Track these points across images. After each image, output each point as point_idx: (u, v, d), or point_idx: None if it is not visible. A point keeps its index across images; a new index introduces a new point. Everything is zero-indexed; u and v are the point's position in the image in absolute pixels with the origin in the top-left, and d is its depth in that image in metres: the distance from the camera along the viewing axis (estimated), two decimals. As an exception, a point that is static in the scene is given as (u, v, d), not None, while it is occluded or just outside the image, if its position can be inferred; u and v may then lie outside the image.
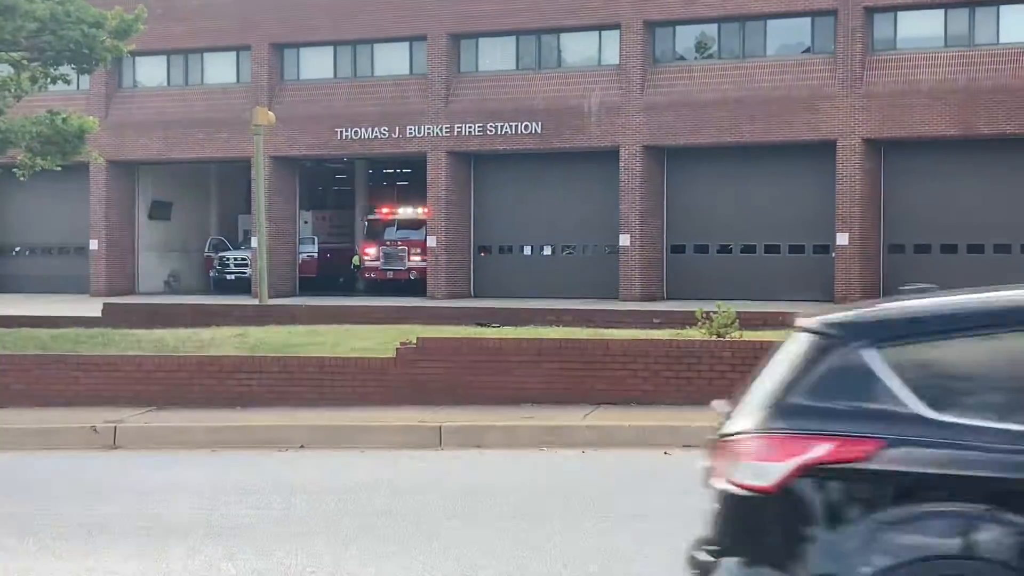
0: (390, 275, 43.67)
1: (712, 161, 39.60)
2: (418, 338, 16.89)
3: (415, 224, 44.06)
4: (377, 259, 44.29)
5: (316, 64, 43.70)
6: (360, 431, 14.90)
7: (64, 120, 25.29)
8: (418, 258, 43.42)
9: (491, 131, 40.71)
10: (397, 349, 16.71)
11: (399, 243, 43.96)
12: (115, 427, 15.21)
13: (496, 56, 41.72)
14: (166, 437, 15.06)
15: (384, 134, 42.01)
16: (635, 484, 12.07)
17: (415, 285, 42.63)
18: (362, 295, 42.75)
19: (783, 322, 20.20)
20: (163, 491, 12.17)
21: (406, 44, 42.54)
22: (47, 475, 13.26)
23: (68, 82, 28.03)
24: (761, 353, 16.31)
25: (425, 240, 43.21)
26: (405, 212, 45.07)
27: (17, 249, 47.95)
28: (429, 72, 41.70)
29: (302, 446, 14.73)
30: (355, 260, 46.09)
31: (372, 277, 44.29)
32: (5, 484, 12.73)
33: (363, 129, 42.19)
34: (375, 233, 44.81)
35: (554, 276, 40.94)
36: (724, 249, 39.84)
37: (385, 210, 45.71)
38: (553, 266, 41.62)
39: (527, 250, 42.20)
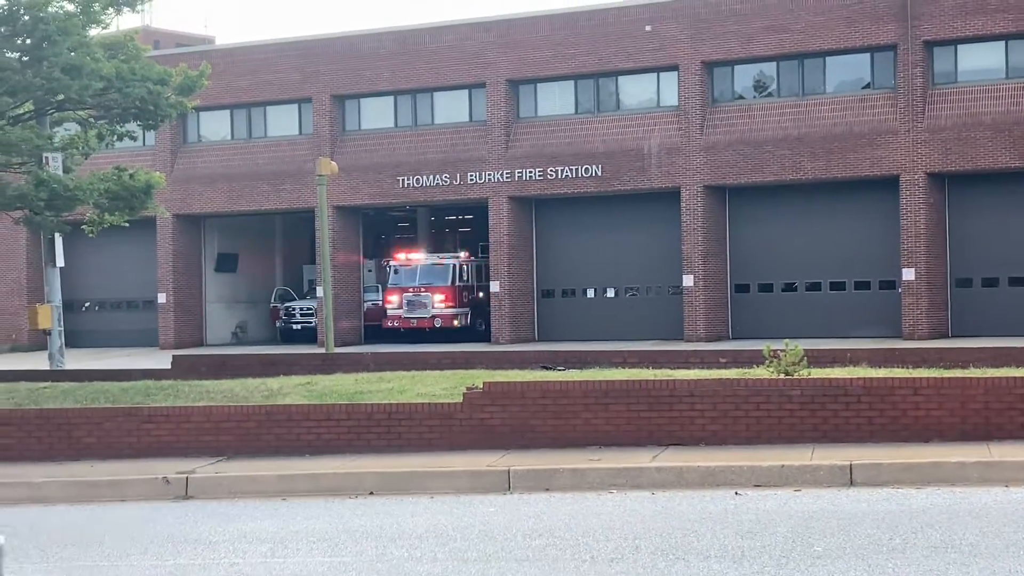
0: (414, 323, 42.79)
1: (774, 199, 39.43)
2: (484, 383, 16.91)
3: (440, 270, 43.54)
4: (400, 307, 43.31)
5: (377, 114, 44.09)
6: (429, 476, 14.92)
7: (131, 176, 25.70)
8: (442, 305, 42.81)
9: (551, 175, 40.82)
10: (464, 394, 16.73)
11: (422, 290, 43.21)
12: (186, 477, 15.34)
13: (554, 101, 41.87)
14: (237, 486, 15.16)
15: (445, 181, 42.25)
16: (705, 525, 11.96)
17: (440, 333, 42.09)
18: (430, 342, 42.70)
19: (852, 359, 20.09)
20: (235, 541, 12.23)
21: (465, 91, 42.83)
22: (120, 527, 13.38)
23: (134, 138, 28.50)
24: (831, 391, 16.32)
25: (451, 286, 42.82)
26: (429, 258, 44.40)
27: (87, 304, 48.58)
28: (488, 118, 41.94)
29: (372, 493, 14.77)
30: None
31: (395, 326, 43.23)
32: (78, 536, 12.85)
33: (424, 177, 42.47)
34: (398, 281, 43.87)
35: (618, 318, 40.83)
36: (789, 287, 39.58)
37: (404, 256, 44.90)
38: (617, 308, 41.52)
39: (590, 293, 42.15)
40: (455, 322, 42.53)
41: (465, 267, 43.74)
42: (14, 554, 11.96)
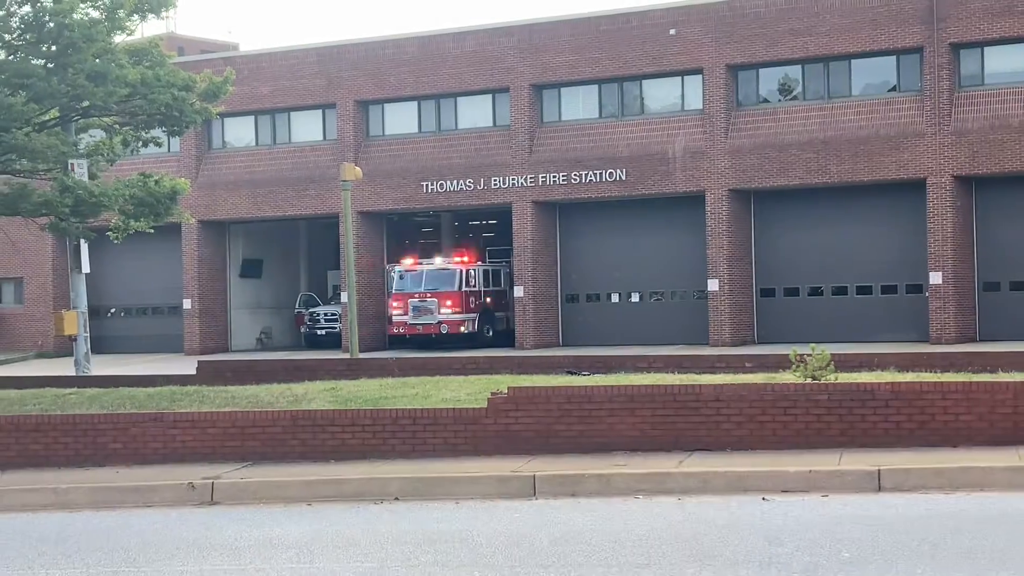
0: (419, 329, 41.87)
1: (800, 203, 39.28)
2: (509, 388, 16.86)
3: (446, 275, 42.70)
4: (405, 313, 42.41)
5: (400, 119, 44.14)
6: (454, 482, 14.87)
7: (156, 182, 25.79)
8: (449, 310, 41.91)
9: (575, 180, 40.77)
10: (489, 399, 16.69)
11: (428, 295, 42.30)
12: (212, 483, 15.34)
13: (578, 105, 41.83)
14: (262, 492, 15.15)
15: (469, 186, 42.24)
16: (732, 531, 11.88)
17: (446, 340, 41.44)
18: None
19: (879, 364, 19.96)
20: (260, 546, 12.22)
21: (488, 96, 42.84)
22: (145, 532, 13.38)
23: (159, 145, 28.61)
24: (858, 396, 16.22)
25: (457, 291, 42.11)
26: (435, 263, 43.44)
27: (112, 311, 48.77)
28: (512, 123, 41.93)
29: (397, 498, 14.74)
30: None
31: (400, 332, 42.28)
32: (104, 542, 12.86)
33: (448, 182, 42.48)
34: (403, 286, 42.85)
35: (643, 323, 40.75)
36: (815, 291, 39.41)
37: (410, 261, 43.85)
38: (641, 313, 41.44)
39: (615, 297, 42.06)
40: (462, 328, 41.74)
41: (472, 272, 43.04)
42: (40, 560, 11.99)
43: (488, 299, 43.20)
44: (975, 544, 10.76)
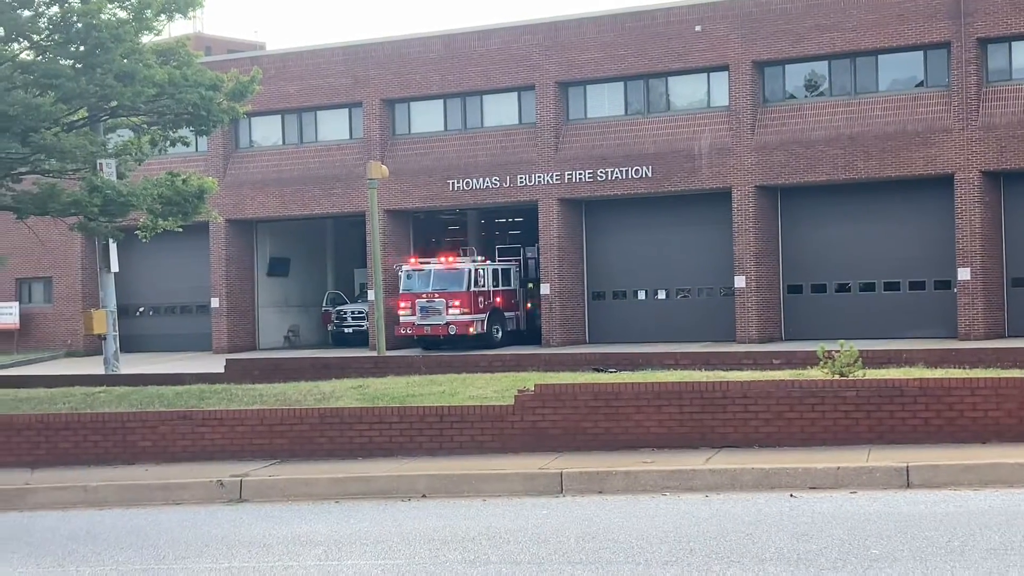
0: (427, 330, 40.96)
1: (827, 199, 39.13)
2: (536, 385, 16.88)
3: (454, 274, 41.72)
4: (413, 313, 41.19)
5: (426, 117, 44.20)
6: (481, 479, 14.90)
7: (184, 181, 25.91)
8: (457, 311, 40.94)
9: (601, 177, 40.74)
10: (516, 396, 16.72)
11: (436, 295, 41.30)
12: (241, 480, 15.41)
13: (604, 102, 41.78)
14: (291, 489, 15.22)
15: (495, 184, 42.26)
16: (760, 527, 11.87)
17: (455, 341, 40.88)
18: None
19: (907, 360, 19.89)
20: (289, 543, 12.27)
21: (514, 94, 42.84)
22: (175, 530, 13.46)
23: (187, 144, 28.71)
24: (887, 392, 16.16)
25: (466, 291, 41.29)
26: (443, 262, 42.35)
27: (141, 309, 49.01)
28: (538, 121, 41.92)
29: (424, 495, 14.78)
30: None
31: (407, 333, 41.22)
32: (134, 540, 12.94)
33: (474, 179, 42.51)
34: (410, 286, 41.88)
35: (669, 320, 40.68)
36: (842, 288, 39.27)
37: (417, 260, 43.02)
38: (668, 310, 41.37)
39: (641, 294, 42.01)
40: (471, 329, 40.91)
41: (481, 271, 42.22)
42: (70, 557, 12.08)
43: (498, 299, 42.65)
44: (1005, 541, 10.72)
